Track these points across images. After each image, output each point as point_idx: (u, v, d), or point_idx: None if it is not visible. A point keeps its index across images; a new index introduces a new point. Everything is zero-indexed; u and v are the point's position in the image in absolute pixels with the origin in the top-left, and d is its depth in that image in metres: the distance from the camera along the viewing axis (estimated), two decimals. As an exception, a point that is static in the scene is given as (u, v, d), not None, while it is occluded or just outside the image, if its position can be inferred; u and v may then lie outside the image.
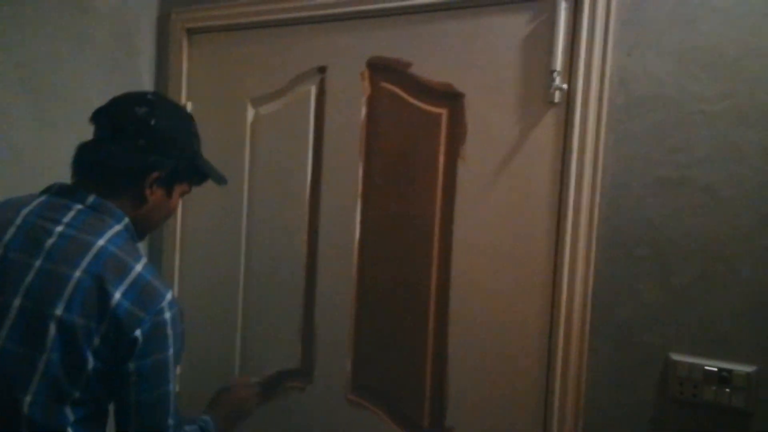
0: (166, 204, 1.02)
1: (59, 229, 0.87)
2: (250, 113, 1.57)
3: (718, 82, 1.06)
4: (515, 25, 1.23)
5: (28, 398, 0.80)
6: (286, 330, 1.52)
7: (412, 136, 1.35)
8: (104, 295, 0.84)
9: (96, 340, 0.83)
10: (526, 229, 1.22)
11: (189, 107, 1.64)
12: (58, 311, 0.82)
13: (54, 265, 0.84)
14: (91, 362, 0.83)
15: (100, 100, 1.52)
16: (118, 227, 0.92)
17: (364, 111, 1.41)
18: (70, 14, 1.45)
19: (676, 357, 1.08)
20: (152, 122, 0.97)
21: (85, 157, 0.97)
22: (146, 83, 1.69)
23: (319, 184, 1.48)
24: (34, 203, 0.92)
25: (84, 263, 0.85)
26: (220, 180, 1.11)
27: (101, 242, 0.88)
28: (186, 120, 1.05)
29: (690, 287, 1.08)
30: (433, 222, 1.32)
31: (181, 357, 0.95)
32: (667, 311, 1.10)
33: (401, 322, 1.37)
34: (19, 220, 0.88)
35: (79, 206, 0.91)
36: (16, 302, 0.82)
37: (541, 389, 1.21)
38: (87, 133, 1.48)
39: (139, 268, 0.89)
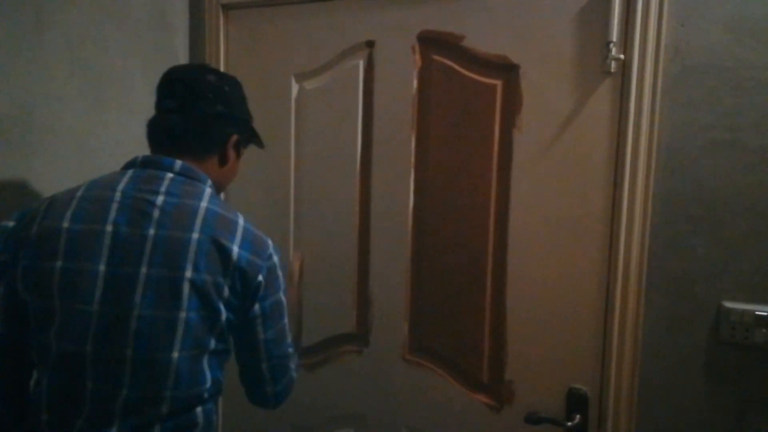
0: (236, 165, 1.10)
1: (161, 198, 0.92)
2: (295, 88, 1.60)
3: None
4: (570, -2, 1.28)
5: (175, 354, 0.87)
6: (340, 295, 1.58)
7: (465, 107, 1.40)
8: (225, 251, 0.90)
9: (225, 293, 0.90)
10: (583, 192, 1.30)
11: (229, 83, 1.65)
12: (188, 273, 0.87)
13: (170, 232, 0.89)
14: (223, 314, 0.90)
15: (143, 79, 1.55)
16: (208, 189, 0.98)
17: (415, 84, 1.45)
18: (110, -8, 1.44)
19: (728, 304, 1.19)
20: (226, 88, 1.04)
21: (168, 126, 1.01)
22: (182, 60, 1.69)
23: (369, 155, 1.52)
24: (126, 178, 0.95)
25: (197, 225, 0.90)
26: (263, 144, 1.22)
27: (204, 204, 0.94)
28: (241, 87, 1.12)
29: (741, 241, 1.18)
30: (489, 187, 1.39)
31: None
32: (719, 263, 1.20)
33: (458, 284, 1.45)
34: (118, 197, 0.92)
35: (170, 174, 0.96)
36: (143, 270, 0.87)
37: (598, 339, 1.31)
38: (133, 111, 1.51)
39: (242, 221, 0.97)
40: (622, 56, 1.23)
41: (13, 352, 0.94)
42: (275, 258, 0.99)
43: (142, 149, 1.03)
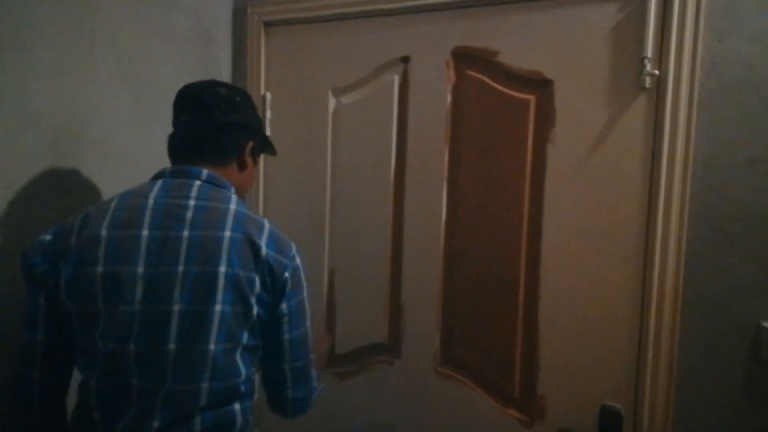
0: (254, 171, 1.16)
1: (192, 202, 0.98)
2: (332, 103, 1.64)
3: (808, 65, 1.13)
4: (605, 15, 1.29)
5: (212, 346, 0.91)
6: (373, 306, 1.61)
7: (499, 121, 1.42)
8: (255, 247, 0.96)
9: (257, 287, 0.95)
10: (618, 208, 1.30)
11: (268, 98, 1.71)
12: (222, 268, 0.92)
13: (203, 231, 0.95)
14: (255, 308, 0.95)
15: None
16: (233, 195, 1.04)
17: (449, 98, 1.48)
18: (157, 10, 1.51)
19: (767, 324, 1.16)
20: (237, 99, 1.10)
21: (186, 138, 1.07)
22: (225, 76, 1.76)
23: (403, 168, 1.55)
24: (157, 187, 1.01)
25: (229, 224, 0.96)
26: (275, 151, 1.29)
27: (233, 207, 1.00)
28: (251, 98, 1.18)
29: (780, 259, 1.16)
30: (522, 202, 1.40)
31: None
32: (758, 282, 1.18)
33: (490, 297, 1.45)
34: (151, 203, 0.97)
35: (198, 182, 1.02)
36: (180, 269, 0.92)
37: (633, 356, 1.30)
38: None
39: (267, 224, 1.02)
40: (657, 72, 1.23)
41: (54, 357, 0.99)
42: (298, 259, 1.03)
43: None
